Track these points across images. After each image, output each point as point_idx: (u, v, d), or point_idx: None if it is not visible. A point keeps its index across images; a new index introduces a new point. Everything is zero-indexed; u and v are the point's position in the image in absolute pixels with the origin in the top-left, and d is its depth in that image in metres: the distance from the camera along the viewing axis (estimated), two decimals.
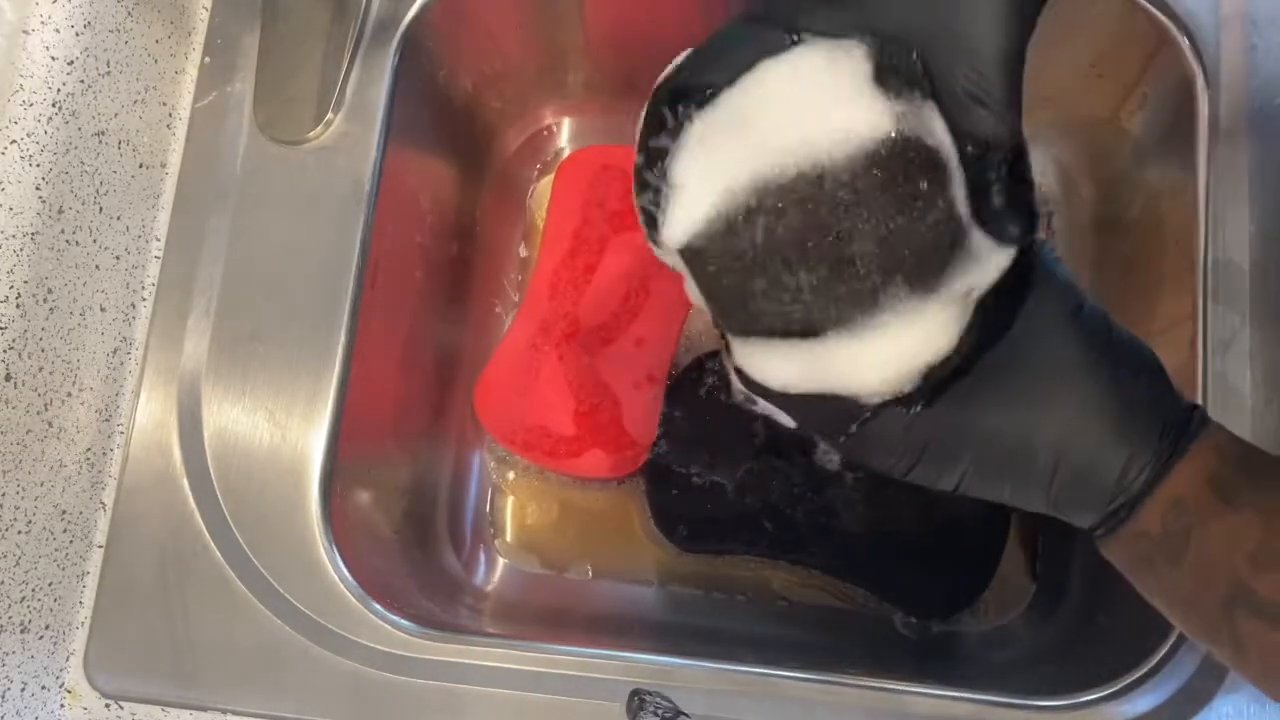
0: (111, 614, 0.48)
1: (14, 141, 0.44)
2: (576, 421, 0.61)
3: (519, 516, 0.63)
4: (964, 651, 0.58)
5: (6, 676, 0.46)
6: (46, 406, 0.47)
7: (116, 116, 0.50)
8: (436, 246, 0.59)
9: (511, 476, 0.63)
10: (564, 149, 0.67)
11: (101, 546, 0.50)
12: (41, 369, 0.46)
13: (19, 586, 0.46)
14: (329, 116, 0.51)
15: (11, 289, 0.44)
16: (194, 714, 0.48)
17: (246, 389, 0.49)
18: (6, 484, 0.45)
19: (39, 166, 0.45)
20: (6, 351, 0.44)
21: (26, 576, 0.46)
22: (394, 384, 0.56)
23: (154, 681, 0.47)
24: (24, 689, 0.47)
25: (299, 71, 0.51)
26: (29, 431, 0.46)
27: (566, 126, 0.67)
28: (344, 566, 0.48)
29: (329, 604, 0.47)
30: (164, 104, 0.53)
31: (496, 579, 0.61)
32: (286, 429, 0.48)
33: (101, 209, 0.49)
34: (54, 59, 0.46)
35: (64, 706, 0.49)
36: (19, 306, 0.45)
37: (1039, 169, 0.63)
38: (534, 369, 0.61)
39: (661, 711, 0.43)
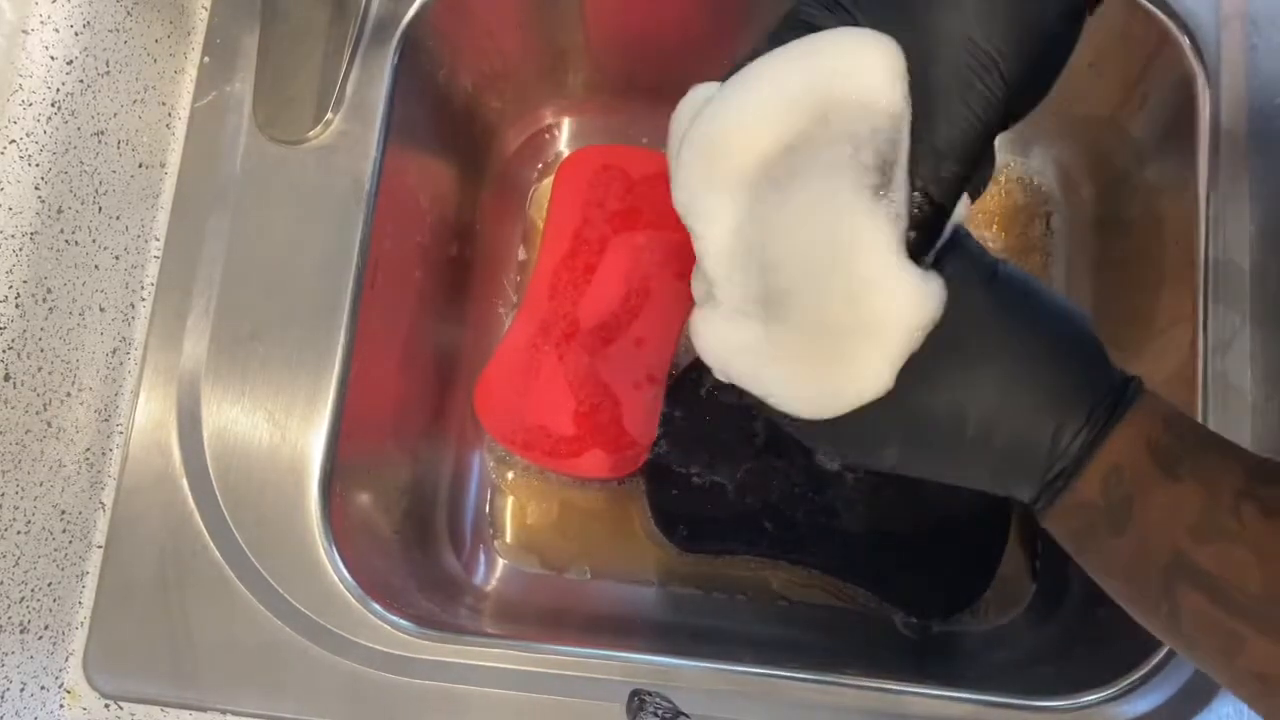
0: (111, 614, 0.48)
1: (13, 141, 0.44)
2: (576, 421, 0.61)
3: (519, 516, 0.63)
4: (964, 652, 0.58)
5: (6, 677, 0.46)
6: (46, 406, 0.47)
7: (116, 116, 0.50)
8: (436, 246, 0.59)
9: (511, 476, 0.63)
10: (564, 149, 0.67)
11: (101, 547, 0.50)
12: (40, 369, 0.46)
13: (18, 587, 0.46)
14: (328, 116, 0.51)
15: (11, 289, 0.44)
16: (193, 714, 0.48)
17: (246, 389, 0.49)
18: (6, 484, 0.45)
19: (38, 166, 0.45)
20: (6, 351, 0.44)
21: (26, 577, 0.46)
22: (394, 384, 0.56)
23: (153, 681, 0.47)
24: (23, 689, 0.47)
25: (298, 71, 0.51)
26: (28, 431, 0.46)
27: (566, 126, 0.67)
28: (344, 566, 0.47)
29: (329, 604, 0.47)
30: (163, 104, 0.53)
31: (496, 579, 0.61)
32: (286, 429, 0.48)
33: (101, 209, 0.49)
34: (53, 59, 0.46)
35: (63, 707, 0.49)
36: (18, 306, 0.45)
37: (1039, 169, 0.63)
38: (534, 369, 0.61)
39: (661, 711, 0.43)
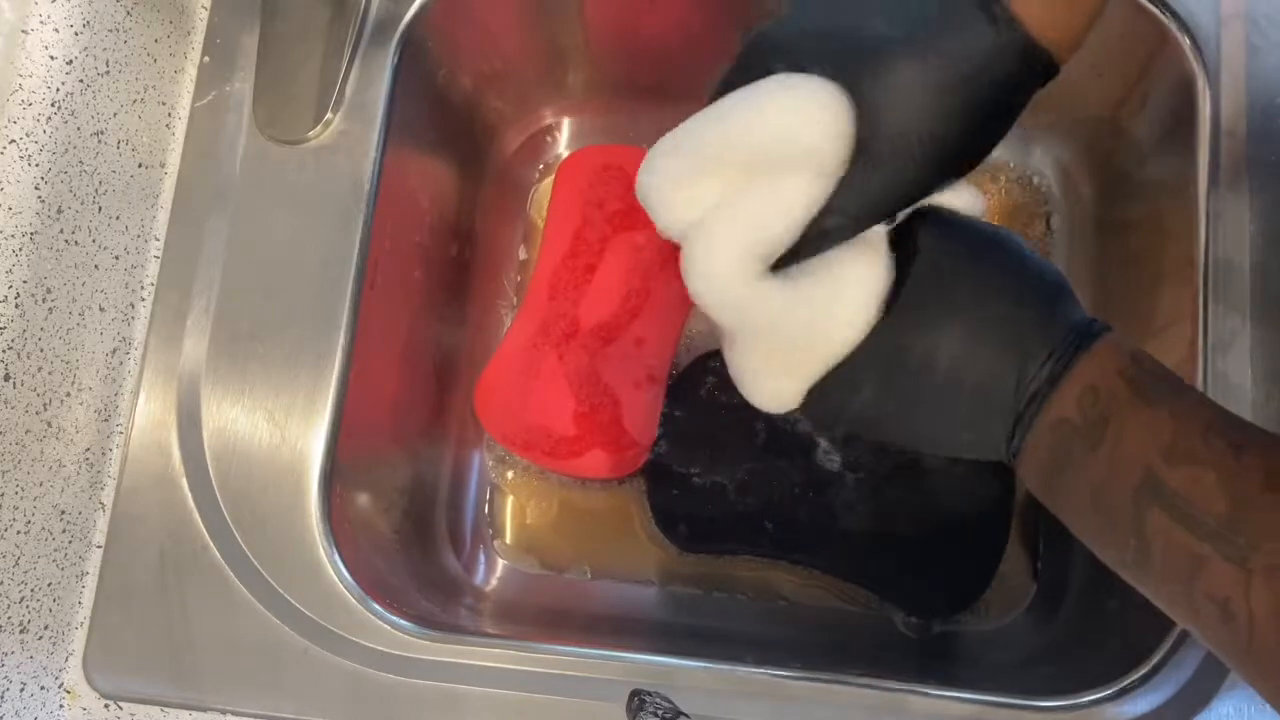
0: (111, 614, 0.48)
1: (13, 141, 0.44)
2: (577, 421, 0.61)
3: (519, 516, 0.63)
4: (965, 652, 0.58)
5: (6, 677, 0.46)
6: (45, 406, 0.47)
7: (116, 116, 0.50)
8: (436, 246, 0.59)
9: (511, 476, 0.63)
10: (564, 149, 0.67)
11: (100, 547, 0.50)
12: (40, 369, 0.46)
13: (18, 587, 0.46)
14: (328, 116, 0.51)
15: (10, 289, 0.44)
16: (193, 714, 0.48)
17: (246, 389, 0.49)
18: (5, 484, 0.45)
19: (38, 166, 0.45)
20: (6, 351, 0.44)
21: (25, 577, 0.46)
22: (394, 384, 0.56)
23: (153, 682, 0.47)
24: (23, 689, 0.47)
25: (298, 71, 0.51)
26: (28, 431, 0.46)
27: (566, 126, 0.67)
28: (343, 566, 0.47)
29: (328, 604, 0.47)
30: (163, 104, 0.53)
31: (496, 579, 0.61)
32: (286, 429, 0.48)
33: (101, 209, 0.49)
34: (53, 58, 0.46)
35: (63, 707, 0.49)
36: (18, 306, 0.45)
37: (1039, 169, 0.63)
38: (534, 369, 0.61)
39: (661, 711, 0.43)
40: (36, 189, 0.45)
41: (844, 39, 0.33)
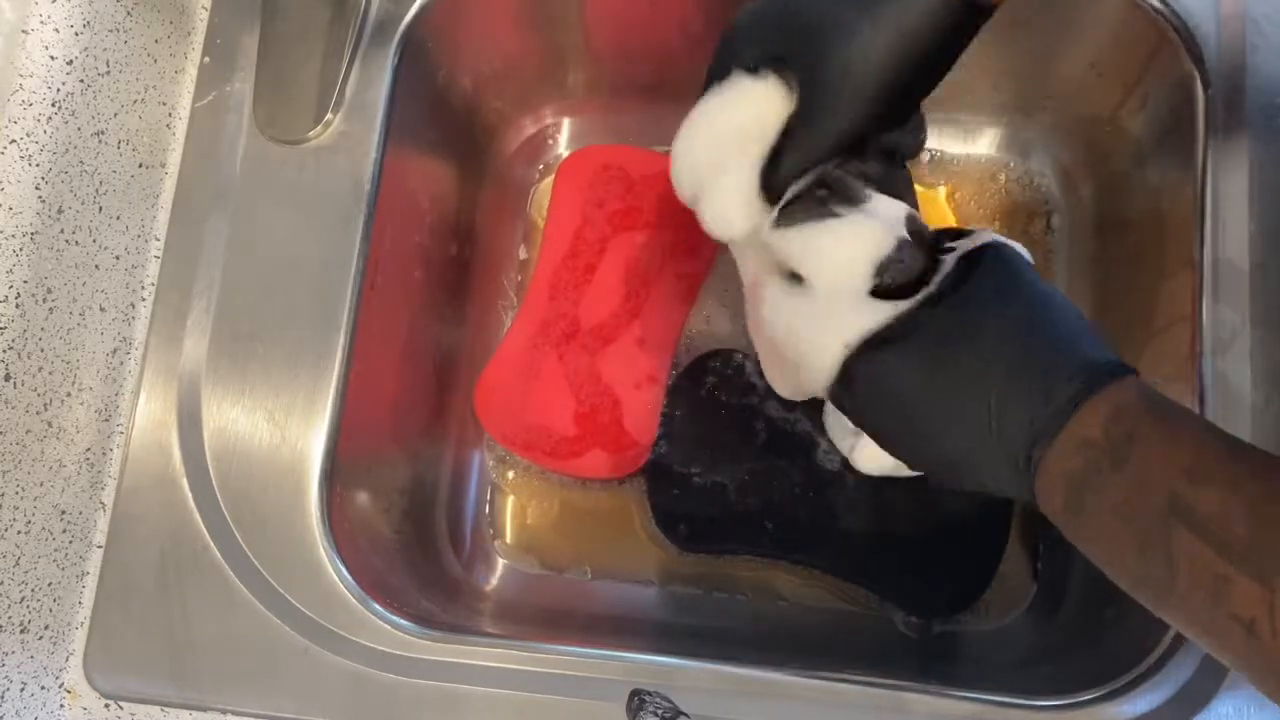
0: (111, 614, 0.48)
1: (13, 141, 0.44)
2: (577, 422, 0.61)
3: (519, 516, 0.63)
4: (965, 651, 0.58)
5: (6, 676, 0.46)
6: (46, 406, 0.47)
7: (116, 116, 0.50)
8: (436, 246, 0.59)
9: (511, 476, 0.63)
10: (564, 149, 0.67)
11: (101, 547, 0.50)
12: (41, 369, 0.46)
13: (18, 586, 0.46)
14: (328, 116, 0.51)
15: (11, 289, 0.44)
16: (193, 714, 0.48)
17: (246, 389, 0.49)
18: (6, 484, 0.45)
19: (38, 166, 0.45)
20: (6, 351, 0.44)
21: (26, 577, 0.46)
22: (394, 384, 0.56)
23: (154, 682, 0.47)
24: (24, 689, 0.47)
25: (298, 71, 0.51)
26: (28, 431, 0.46)
27: (566, 126, 0.67)
28: (344, 566, 0.47)
29: (329, 604, 0.47)
30: (164, 104, 0.53)
31: (496, 579, 0.61)
32: (286, 429, 0.48)
33: (101, 209, 0.49)
34: (53, 59, 0.46)
35: (64, 706, 0.49)
36: (18, 306, 0.45)
37: (1039, 169, 0.63)
38: (534, 369, 0.61)
39: (661, 711, 0.43)
40: (37, 189, 0.45)
41: (794, 22, 0.39)
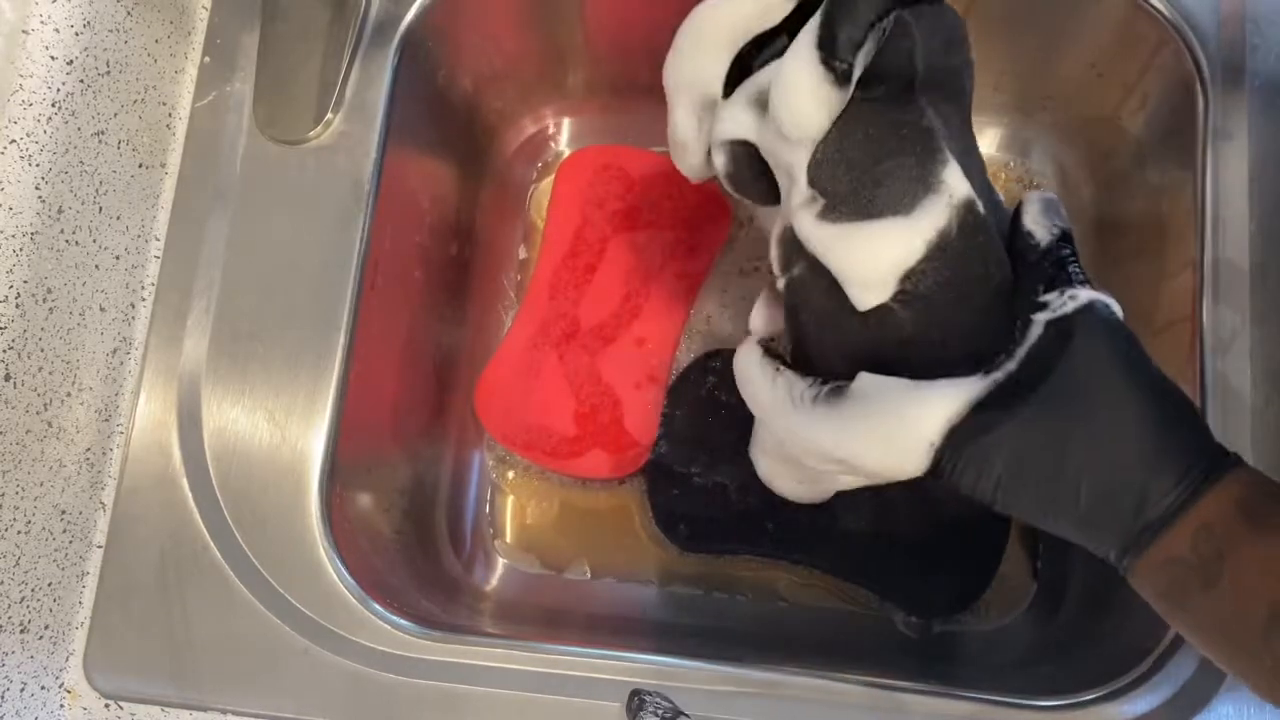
0: (111, 614, 0.48)
1: (13, 141, 0.44)
2: (577, 422, 0.61)
3: (519, 516, 0.63)
4: (965, 651, 0.58)
5: (6, 676, 0.46)
6: (46, 406, 0.47)
7: (116, 116, 0.50)
8: (436, 246, 0.59)
9: (511, 476, 0.63)
10: (564, 149, 0.67)
11: (101, 547, 0.50)
12: (41, 369, 0.46)
13: (18, 586, 0.46)
14: (329, 116, 0.51)
15: (11, 289, 0.44)
16: (194, 714, 0.48)
17: (246, 389, 0.49)
18: (6, 484, 0.45)
19: (38, 166, 0.45)
20: (6, 351, 0.44)
21: (26, 577, 0.46)
22: (394, 384, 0.56)
23: (154, 681, 0.47)
24: (24, 689, 0.47)
25: (299, 71, 0.51)
26: (28, 431, 0.46)
27: (566, 126, 0.67)
28: (344, 566, 0.47)
29: (329, 604, 0.47)
30: (164, 104, 0.53)
31: (496, 579, 0.61)
32: (286, 429, 0.48)
33: (101, 209, 0.49)
34: (53, 59, 0.46)
35: (64, 706, 0.49)
36: (18, 306, 0.45)
37: (1039, 169, 0.63)
38: (534, 369, 0.61)
39: (661, 711, 0.43)
40: (37, 189, 0.45)
41: None
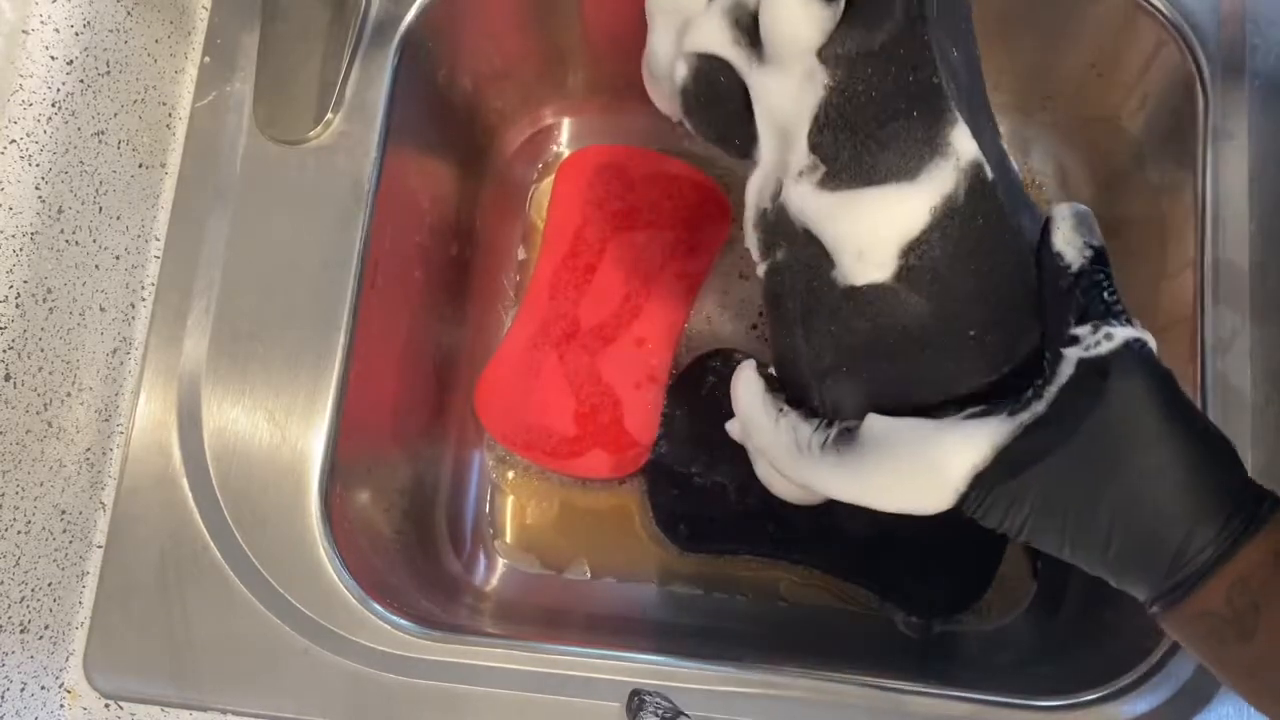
0: (111, 614, 0.48)
1: (13, 141, 0.44)
2: (577, 422, 0.61)
3: (519, 516, 0.63)
4: (965, 651, 0.58)
5: (6, 676, 0.46)
6: (46, 406, 0.47)
7: (116, 116, 0.50)
8: (436, 246, 0.59)
9: (511, 476, 0.63)
10: (564, 149, 0.67)
11: (101, 547, 0.50)
12: (41, 369, 0.46)
13: (18, 586, 0.46)
14: (329, 116, 0.51)
15: (11, 289, 0.44)
16: (194, 714, 0.48)
17: (246, 389, 0.49)
18: (6, 484, 0.45)
19: (38, 166, 0.45)
20: (6, 351, 0.44)
21: (26, 577, 0.46)
22: (394, 384, 0.56)
23: (154, 682, 0.47)
24: (24, 689, 0.47)
25: (299, 71, 0.51)
26: (28, 431, 0.46)
27: (566, 126, 0.67)
28: (344, 566, 0.47)
29: (329, 604, 0.47)
30: (164, 104, 0.53)
31: (496, 579, 0.61)
32: (286, 429, 0.48)
33: (101, 209, 0.49)
34: (53, 59, 0.46)
35: (64, 706, 0.49)
36: (18, 306, 0.45)
37: (1039, 169, 0.63)
38: (534, 369, 0.61)
39: (661, 711, 0.43)
40: (37, 189, 0.45)
41: None
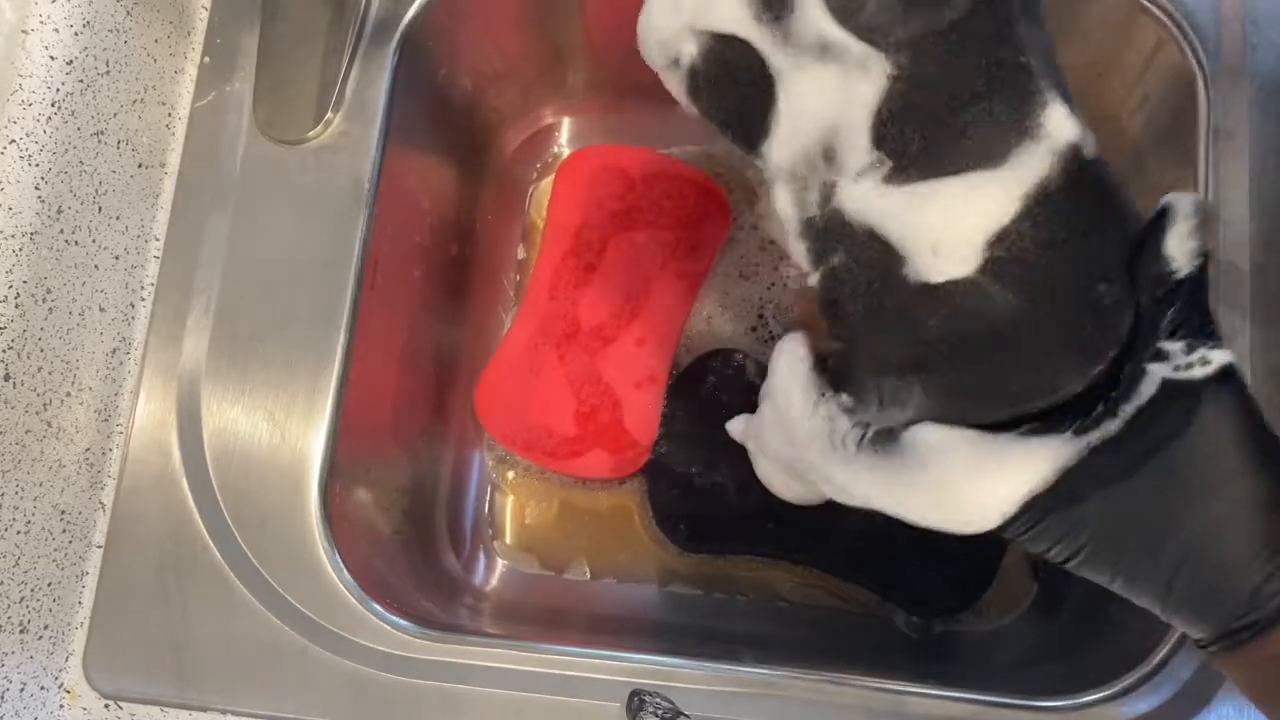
0: (111, 614, 0.48)
1: (13, 141, 0.44)
2: (577, 422, 0.61)
3: (519, 516, 0.63)
4: (965, 652, 0.58)
5: (6, 677, 0.46)
6: (45, 406, 0.47)
7: (116, 116, 0.50)
8: (436, 246, 0.59)
9: (511, 476, 0.63)
10: (564, 149, 0.67)
11: (100, 547, 0.50)
12: (40, 369, 0.46)
13: (18, 587, 0.46)
14: (328, 116, 0.51)
15: (10, 289, 0.44)
16: (193, 714, 0.48)
17: (246, 389, 0.49)
18: (6, 484, 0.45)
19: (38, 166, 0.45)
20: (6, 351, 0.44)
21: (26, 577, 0.46)
22: (393, 384, 0.56)
23: (153, 682, 0.47)
24: (23, 689, 0.47)
25: (298, 71, 0.51)
26: (28, 431, 0.46)
27: (566, 126, 0.67)
28: (344, 566, 0.47)
29: (329, 604, 0.47)
30: (163, 104, 0.53)
31: (496, 579, 0.61)
32: (286, 429, 0.48)
33: (101, 209, 0.49)
34: (53, 59, 0.46)
35: (63, 707, 0.49)
36: (18, 306, 0.45)
37: None
38: (534, 369, 0.61)
39: (661, 711, 0.43)
40: (36, 189, 0.45)
41: None
